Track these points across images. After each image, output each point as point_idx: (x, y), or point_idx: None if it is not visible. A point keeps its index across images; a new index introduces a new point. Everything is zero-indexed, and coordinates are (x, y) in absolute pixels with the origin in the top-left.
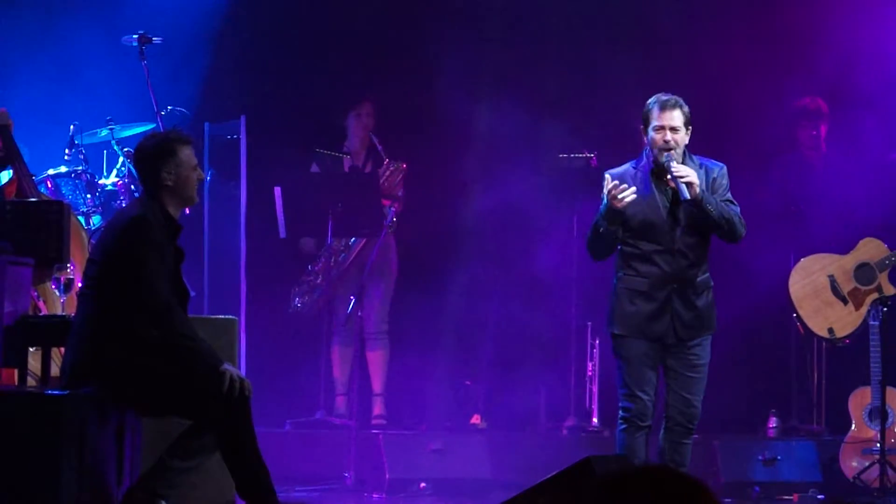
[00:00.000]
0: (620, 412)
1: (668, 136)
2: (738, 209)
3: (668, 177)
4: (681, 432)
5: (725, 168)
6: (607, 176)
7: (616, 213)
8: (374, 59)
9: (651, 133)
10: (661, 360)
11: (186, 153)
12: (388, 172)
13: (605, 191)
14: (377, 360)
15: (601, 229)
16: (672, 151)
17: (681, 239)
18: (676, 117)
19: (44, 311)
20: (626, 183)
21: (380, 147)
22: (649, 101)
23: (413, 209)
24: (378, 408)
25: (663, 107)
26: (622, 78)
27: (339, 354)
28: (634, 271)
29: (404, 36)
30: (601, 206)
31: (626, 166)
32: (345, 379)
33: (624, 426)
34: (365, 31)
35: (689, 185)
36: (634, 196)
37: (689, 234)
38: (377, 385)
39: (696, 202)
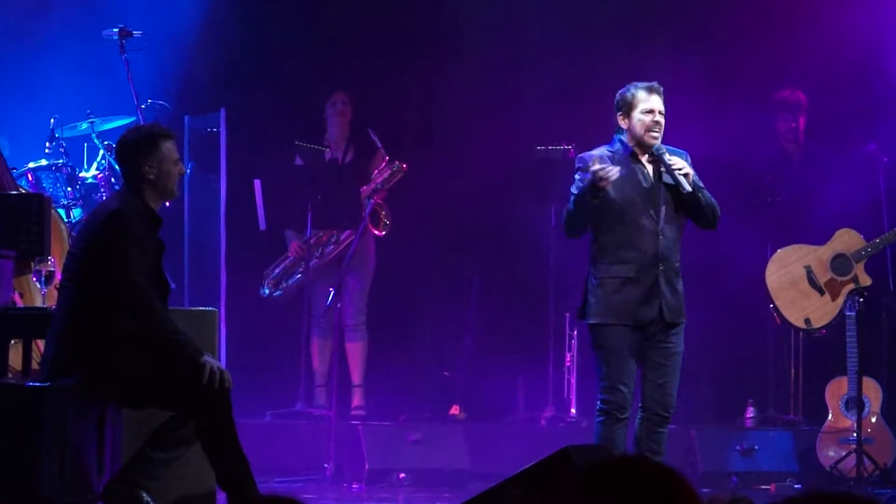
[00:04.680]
0: (599, 404)
1: (658, 118)
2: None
3: (663, 168)
4: (657, 421)
5: (688, 154)
6: (594, 155)
7: (600, 191)
8: (353, 52)
9: (638, 116)
10: (639, 351)
11: (168, 147)
12: (387, 172)
13: (592, 171)
14: (356, 352)
15: (586, 203)
16: (657, 138)
17: (663, 220)
18: (661, 102)
19: (19, 305)
20: (590, 161)
21: (379, 145)
22: (628, 87)
23: (391, 202)
24: (357, 399)
25: (650, 90)
26: (601, 70)
27: (318, 346)
28: (616, 259)
29: (383, 28)
30: (577, 186)
31: (601, 151)
32: (324, 370)
33: (602, 418)
34: (344, 23)
35: (685, 175)
36: (618, 174)
37: (670, 216)
38: (356, 376)
39: (692, 191)
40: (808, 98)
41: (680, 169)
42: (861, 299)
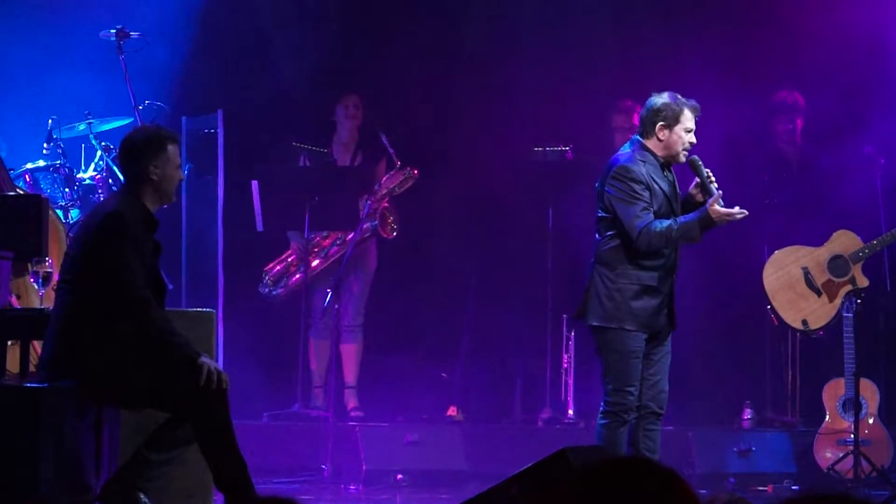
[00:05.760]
0: (606, 406)
1: (694, 140)
2: None
3: (699, 181)
4: (653, 419)
5: None
6: (636, 162)
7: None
8: (350, 54)
9: (680, 132)
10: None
11: (173, 150)
12: (399, 178)
13: (727, 213)
14: (351, 353)
15: (697, 233)
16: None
17: None
18: None
19: (16, 306)
20: (642, 173)
21: (391, 150)
22: (674, 99)
23: (389, 204)
24: (352, 400)
25: (694, 110)
26: (598, 71)
27: (316, 347)
28: (639, 266)
29: (380, 30)
30: (695, 216)
31: (636, 159)
32: (321, 371)
33: (606, 421)
34: (343, 24)
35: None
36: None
37: None
38: (350, 377)
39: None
40: (805, 99)
41: (714, 182)
42: (858, 301)
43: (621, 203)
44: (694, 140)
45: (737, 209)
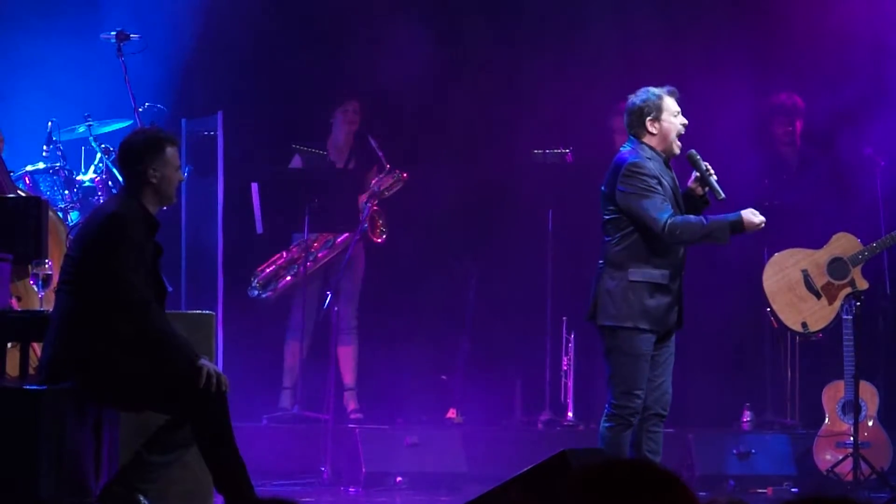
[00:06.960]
0: (612, 409)
1: (685, 121)
2: None
3: (699, 175)
4: (656, 420)
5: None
6: (647, 160)
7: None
8: (350, 55)
9: (671, 119)
10: None
11: (172, 152)
12: (388, 181)
13: (757, 220)
14: (349, 355)
15: (717, 235)
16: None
17: None
18: None
19: (16, 308)
20: (652, 168)
21: (380, 153)
22: (649, 93)
23: (390, 205)
24: (352, 402)
25: (672, 94)
26: (598, 73)
27: (290, 348)
28: (650, 264)
29: (380, 31)
30: (727, 218)
31: (643, 156)
32: (293, 373)
33: (612, 423)
34: (343, 26)
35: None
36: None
37: None
38: (349, 379)
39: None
40: (805, 101)
41: (713, 175)
42: (858, 303)
43: (638, 198)
44: (685, 121)
45: (758, 217)
